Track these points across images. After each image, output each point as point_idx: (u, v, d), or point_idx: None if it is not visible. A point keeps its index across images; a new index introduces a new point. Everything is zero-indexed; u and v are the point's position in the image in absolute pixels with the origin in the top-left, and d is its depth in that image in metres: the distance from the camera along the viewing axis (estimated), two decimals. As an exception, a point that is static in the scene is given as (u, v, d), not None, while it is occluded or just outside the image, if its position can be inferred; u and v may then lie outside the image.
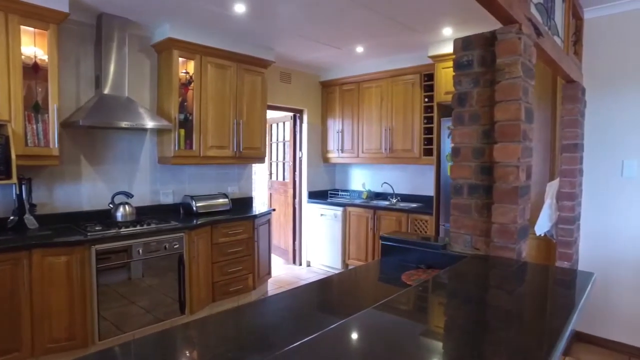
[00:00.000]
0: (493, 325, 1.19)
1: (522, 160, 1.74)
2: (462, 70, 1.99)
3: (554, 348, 0.98)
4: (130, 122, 3.37)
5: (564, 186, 3.04)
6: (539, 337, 1.07)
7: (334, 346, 0.98)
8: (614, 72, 3.15)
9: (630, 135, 3.09)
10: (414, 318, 1.29)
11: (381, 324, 1.17)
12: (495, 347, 1.05)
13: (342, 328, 1.07)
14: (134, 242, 3.20)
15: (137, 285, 3.23)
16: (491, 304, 1.40)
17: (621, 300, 3.18)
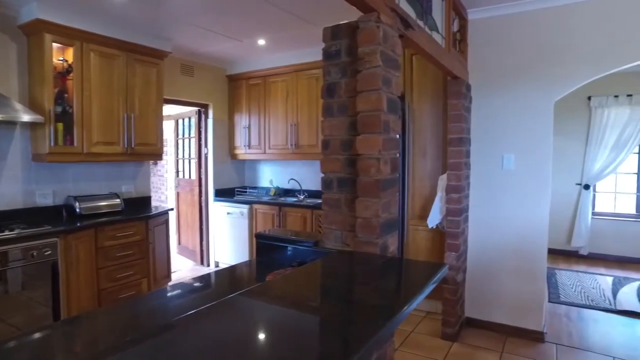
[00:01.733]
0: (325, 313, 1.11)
1: (384, 152, 1.70)
2: (331, 60, 1.92)
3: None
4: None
5: (451, 179, 3.13)
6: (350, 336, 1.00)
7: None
8: (495, 71, 3.30)
9: (509, 131, 3.26)
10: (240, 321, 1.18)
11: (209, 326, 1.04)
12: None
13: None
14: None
15: (2, 301, 2.83)
16: (330, 297, 1.33)
17: (503, 284, 3.36)
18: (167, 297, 1.62)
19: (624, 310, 3.90)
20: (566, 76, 3.07)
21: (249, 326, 1.12)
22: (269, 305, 1.28)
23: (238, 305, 1.23)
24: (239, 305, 1.23)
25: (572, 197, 5.87)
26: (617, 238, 5.72)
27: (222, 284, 1.81)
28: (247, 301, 1.27)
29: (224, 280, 1.86)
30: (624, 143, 5.50)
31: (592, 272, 5.17)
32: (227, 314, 1.16)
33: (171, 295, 1.66)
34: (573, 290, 4.45)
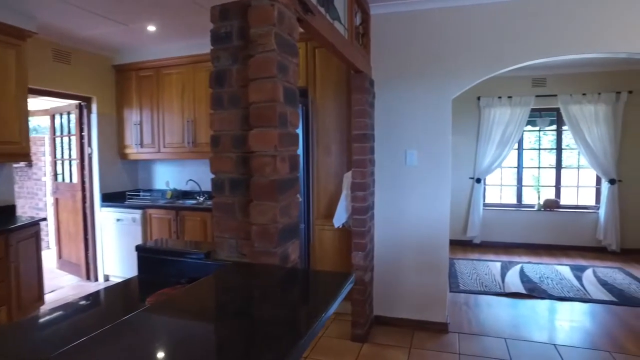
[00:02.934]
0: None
1: (281, 148, 1.50)
2: (221, 44, 1.67)
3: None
4: None
5: (356, 176, 3.05)
6: None
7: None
8: (397, 67, 3.30)
9: (411, 127, 3.28)
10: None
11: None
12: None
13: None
14: None
15: None
16: (225, 321, 1.09)
17: (409, 280, 3.39)
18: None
19: (511, 292, 4.21)
20: (461, 75, 3.16)
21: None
22: (146, 340, 1.01)
23: (100, 348, 0.94)
24: (101, 348, 0.94)
25: (466, 191, 6.27)
26: (503, 226, 6.24)
27: (86, 317, 1.46)
28: (114, 339, 0.98)
29: (91, 309, 1.51)
30: (506, 140, 6.00)
31: (485, 259, 5.56)
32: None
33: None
34: (470, 278, 4.71)
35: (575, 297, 4.10)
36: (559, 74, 5.89)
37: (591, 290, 4.32)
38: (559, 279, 4.66)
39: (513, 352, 3.04)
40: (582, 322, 3.61)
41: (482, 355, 3.00)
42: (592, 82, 5.78)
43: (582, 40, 2.94)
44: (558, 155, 6.25)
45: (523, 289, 4.30)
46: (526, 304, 4.00)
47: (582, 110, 5.78)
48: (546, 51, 3.00)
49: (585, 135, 5.76)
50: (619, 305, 3.92)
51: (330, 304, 1.20)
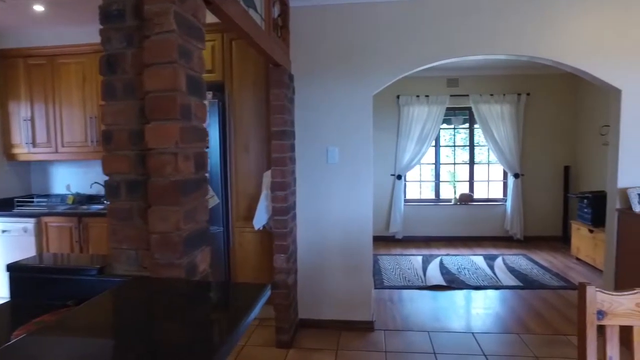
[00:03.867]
0: None
1: (183, 145, 1.31)
2: (112, 22, 1.42)
3: None
4: None
5: (275, 175, 2.90)
6: None
7: None
8: (318, 62, 3.20)
9: (333, 124, 3.21)
10: None
11: None
12: None
13: None
14: None
15: None
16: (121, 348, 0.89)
17: (334, 280, 3.32)
18: None
19: (432, 285, 4.34)
20: (381, 72, 3.15)
21: None
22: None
23: None
24: None
25: (388, 187, 6.41)
26: (423, 221, 6.48)
27: None
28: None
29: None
30: (425, 137, 6.22)
31: (407, 254, 5.71)
32: None
33: None
34: (393, 273, 4.79)
35: (488, 285, 4.33)
36: (470, 75, 6.24)
37: (502, 277, 4.60)
38: (475, 269, 4.91)
39: (436, 344, 3.10)
40: (495, 308, 3.80)
41: (407, 351, 3.01)
42: (498, 84, 6.20)
43: (490, 42, 3.07)
44: (471, 151, 6.63)
45: (443, 281, 4.46)
46: (446, 295, 4.14)
47: (490, 110, 6.17)
48: (458, 51, 3.09)
49: (494, 133, 6.16)
50: (524, 289, 4.21)
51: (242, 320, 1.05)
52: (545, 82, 6.20)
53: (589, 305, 1.23)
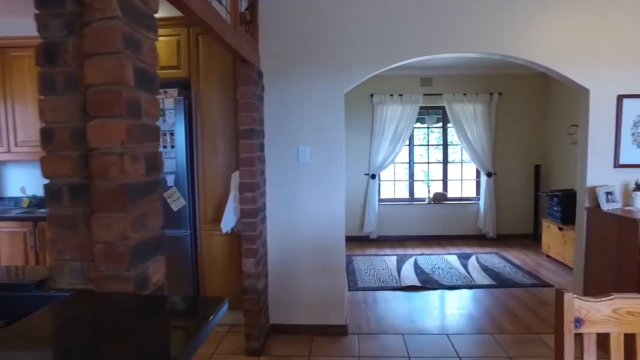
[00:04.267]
0: None
1: (131, 144, 1.18)
2: (50, 7, 1.28)
3: None
4: None
5: (244, 176, 2.78)
6: None
7: None
8: (288, 58, 3.09)
9: (303, 122, 3.10)
10: None
11: None
12: None
13: None
14: None
15: None
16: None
17: (306, 283, 3.22)
18: None
19: (407, 286, 4.30)
20: (353, 69, 3.07)
21: None
22: None
23: None
24: None
25: (362, 187, 6.36)
26: (398, 220, 6.46)
27: None
28: None
29: None
30: (398, 136, 6.20)
31: (381, 254, 5.67)
32: None
33: None
34: (368, 274, 4.73)
35: (462, 285, 4.33)
36: (443, 75, 6.25)
37: (475, 276, 4.61)
38: (449, 268, 4.90)
39: (410, 347, 3.04)
40: (469, 308, 3.79)
41: (381, 355, 2.94)
42: (471, 83, 6.24)
43: (464, 40, 3.03)
44: (444, 150, 6.65)
45: (417, 281, 4.42)
46: (421, 296, 4.10)
47: (463, 109, 6.20)
48: (432, 49, 3.04)
49: (467, 132, 6.19)
50: (497, 288, 4.22)
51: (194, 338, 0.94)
52: (517, 82, 6.27)
53: (566, 313, 1.17)
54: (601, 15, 3.01)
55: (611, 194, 3.01)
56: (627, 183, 3.08)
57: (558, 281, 4.41)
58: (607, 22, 3.01)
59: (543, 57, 3.03)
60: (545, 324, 3.38)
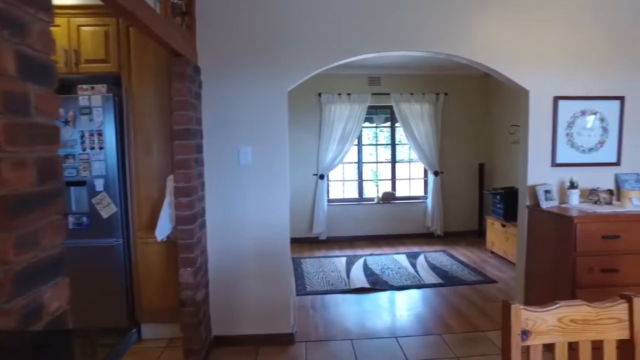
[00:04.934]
0: None
1: (13, 148, 0.97)
2: None
3: None
4: None
5: (179, 180, 2.57)
6: None
7: None
8: (228, 54, 2.91)
9: (244, 122, 2.93)
10: None
11: None
12: None
13: None
14: None
15: None
16: None
17: (250, 291, 3.05)
18: None
19: (356, 288, 4.24)
20: (297, 66, 2.94)
21: None
22: None
23: None
24: None
25: (311, 187, 6.25)
26: (347, 221, 6.41)
27: None
28: None
29: None
30: (347, 136, 6.15)
31: (331, 255, 5.59)
32: None
33: None
34: (316, 277, 4.62)
35: (411, 285, 4.33)
36: (391, 74, 6.28)
37: (424, 275, 4.63)
38: (398, 268, 4.90)
39: (359, 353, 2.96)
40: (417, 308, 3.78)
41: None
42: (418, 83, 6.31)
43: (411, 38, 3.00)
44: (392, 150, 6.69)
45: (367, 283, 4.38)
46: (370, 298, 4.05)
47: (410, 109, 6.25)
48: (379, 46, 2.98)
49: (414, 131, 6.26)
50: (444, 287, 4.26)
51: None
52: (461, 83, 6.42)
53: (514, 326, 1.10)
54: (537, 19, 3.08)
55: (549, 192, 3.09)
56: (563, 181, 3.17)
57: (501, 277, 4.52)
58: (543, 26, 3.08)
59: (486, 57, 3.05)
60: (491, 320, 3.42)
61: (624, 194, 2.92)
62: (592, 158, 3.19)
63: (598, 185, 3.14)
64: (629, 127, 3.21)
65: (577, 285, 2.70)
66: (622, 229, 2.72)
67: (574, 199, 3.05)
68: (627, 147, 3.22)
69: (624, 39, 3.15)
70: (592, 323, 1.18)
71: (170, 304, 2.92)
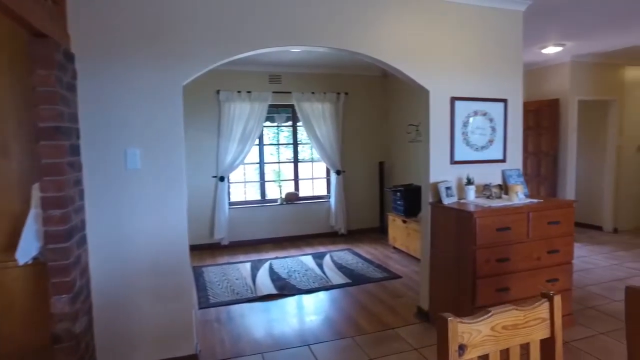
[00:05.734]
0: None
1: None
2: None
3: None
4: None
5: (47, 189, 2.11)
6: None
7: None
8: (110, 39, 2.48)
9: (131, 119, 2.54)
10: None
11: None
12: None
13: None
14: None
15: None
16: None
17: (143, 314, 2.66)
18: None
19: (263, 295, 4.03)
20: (193, 57, 2.63)
21: None
22: None
23: None
24: None
25: (210, 190, 5.86)
26: (250, 224, 6.15)
27: None
28: None
29: None
30: (248, 135, 5.88)
31: (235, 261, 5.29)
32: None
33: None
34: (220, 287, 4.31)
35: (319, 287, 4.24)
36: (292, 72, 6.16)
37: (331, 275, 4.59)
38: (305, 270, 4.79)
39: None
40: (327, 311, 3.70)
41: (237, 384, 2.60)
42: (319, 82, 6.29)
43: (313, 33, 2.87)
44: (295, 149, 6.58)
45: (274, 289, 4.19)
46: (278, 304, 3.87)
47: (312, 108, 6.21)
48: (282, 40, 2.81)
49: (316, 130, 6.22)
50: (352, 286, 4.26)
51: None
52: (361, 83, 6.56)
53: (451, 342, 1.00)
54: (433, 23, 3.18)
55: (450, 189, 3.22)
56: (460, 177, 3.33)
57: (405, 271, 4.67)
58: (438, 28, 3.20)
59: (389, 56, 3.06)
60: (399, 317, 3.47)
61: (512, 188, 3.16)
62: (484, 155, 3.40)
63: (490, 180, 3.36)
64: (511, 128, 3.49)
65: (477, 276, 2.83)
66: (511, 220, 2.92)
67: (470, 194, 3.22)
68: (510, 145, 3.50)
69: (505, 48, 3.42)
70: (520, 327, 1.15)
71: (41, 341, 2.40)
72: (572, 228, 3.13)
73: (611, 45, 5.12)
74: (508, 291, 2.92)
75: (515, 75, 3.50)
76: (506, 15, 3.39)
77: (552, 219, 3.02)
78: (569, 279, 3.15)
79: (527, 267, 2.98)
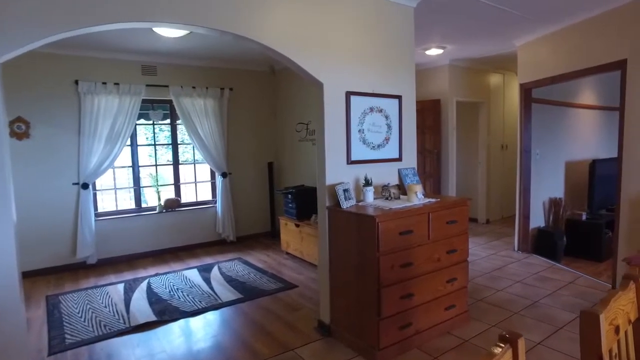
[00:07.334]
0: None
1: None
2: None
3: None
4: None
5: None
6: None
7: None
8: None
9: None
10: None
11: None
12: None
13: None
14: None
15: None
16: None
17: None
18: None
19: (139, 325, 3.38)
20: (11, 28, 1.95)
21: None
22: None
23: None
24: None
25: (71, 200, 4.89)
26: (123, 237, 5.31)
27: None
28: None
29: None
30: (117, 135, 5.05)
31: (103, 283, 4.46)
32: None
33: None
34: (82, 319, 3.52)
35: (207, 307, 3.72)
36: (169, 64, 5.47)
37: (220, 291, 4.09)
38: (189, 288, 4.21)
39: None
40: (217, 335, 3.21)
41: None
42: (200, 76, 5.69)
43: (191, 8, 2.38)
44: (174, 150, 5.87)
45: (153, 315, 3.55)
46: (159, 333, 3.26)
47: (193, 104, 5.59)
48: (147, 14, 2.26)
49: (198, 129, 5.62)
50: (244, 302, 3.83)
51: None
52: (247, 78, 6.12)
53: None
54: (330, 11, 2.94)
55: (347, 191, 2.99)
56: (358, 178, 3.14)
57: (301, 279, 4.39)
58: (333, 20, 2.96)
59: (278, 43, 2.71)
60: (298, 333, 3.16)
61: (410, 188, 3.05)
62: (380, 154, 3.26)
63: (387, 180, 3.23)
64: (405, 125, 3.41)
65: (382, 285, 2.64)
66: (413, 223, 2.80)
67: (369, 196, 3.04)
68: (405, 143, 3.43)
69: (399, 44, 3.33)
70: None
71: None
72: (467, 226, 3.14)
73: (479, 52, 5.51)
74: (412, 297, 2.79)
75: (408, 72, 3.44)
76: (399, 10, 3.30)
77: (450, 219, 2.98)
78: (465, 277, 3.16)
79: (429, 270, 2.89)
